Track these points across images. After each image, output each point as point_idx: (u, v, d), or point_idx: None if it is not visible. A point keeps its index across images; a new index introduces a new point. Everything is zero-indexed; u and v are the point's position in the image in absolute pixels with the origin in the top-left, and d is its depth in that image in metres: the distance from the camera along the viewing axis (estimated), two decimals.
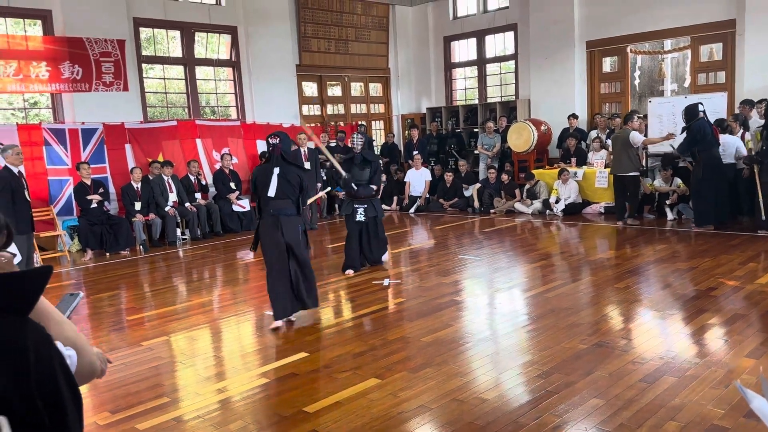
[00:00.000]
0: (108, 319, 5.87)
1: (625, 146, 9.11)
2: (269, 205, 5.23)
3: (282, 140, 5.31)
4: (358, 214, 7.21)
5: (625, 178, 9.25)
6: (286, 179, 5.20)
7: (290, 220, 5.21)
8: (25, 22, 9.89)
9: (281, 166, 5.23)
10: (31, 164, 9.27)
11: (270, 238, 5.21)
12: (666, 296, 5.65)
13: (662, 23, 11.16)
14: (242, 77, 12.32)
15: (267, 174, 5.25)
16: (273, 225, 5.19)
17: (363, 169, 7.29)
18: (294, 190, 5.23)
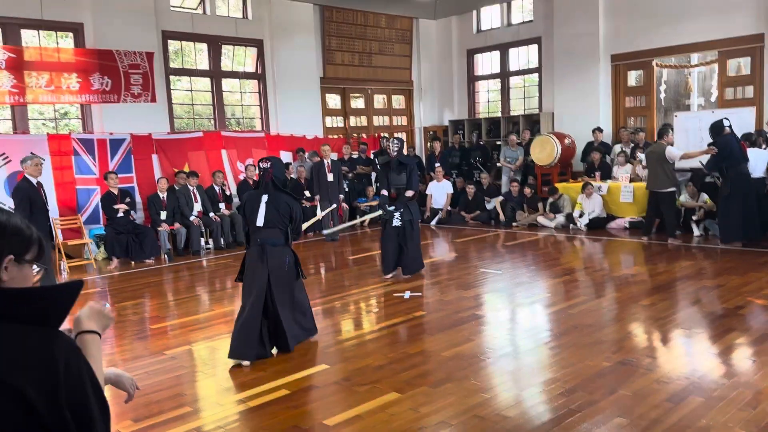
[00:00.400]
0: (132, 328, 5.95)
1: (661, 161, 8.80)
2: (256, 234, 4.90)
3: (273, 165, 4.99)
4: (395, 218, 7.31)
5: (660, 194, 8.94)
6: (275, 208, 4.85)
7: (276, 250, 4.83)
8: (58, 35, 10.13)
9: (270, 193, 4.91)
10: (60, 173, 9.46)
11: (253, 271, 4.83)
12: (692, 314, 5.56)
13: (689, 37, 11.05)
14: (267, 89, 12.47)
15: (255, 201, 4.92)
16: (258, 256, 4.83)
17: (400, 173, 7.43)
18: (283, 220, 4.87)
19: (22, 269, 1.32)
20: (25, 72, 9.35)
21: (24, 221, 1.36)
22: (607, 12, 12.13)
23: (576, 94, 12.59)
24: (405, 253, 7.37)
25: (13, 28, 9.50)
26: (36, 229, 1.35)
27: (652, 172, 9.05)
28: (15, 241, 1.30)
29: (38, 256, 1.40)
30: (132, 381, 1.77)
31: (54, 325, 1.09)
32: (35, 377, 1.02)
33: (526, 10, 13.94)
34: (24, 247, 1.33)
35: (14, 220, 1.30)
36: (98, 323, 1.56)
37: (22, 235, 1.32)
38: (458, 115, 15.07)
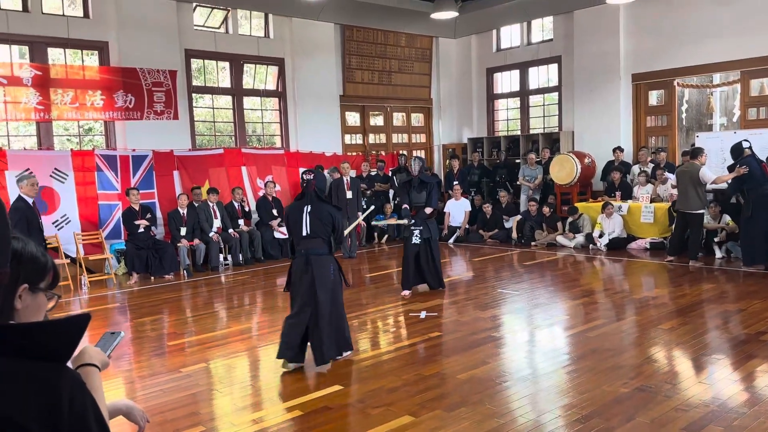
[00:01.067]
0: (150, 344, 5.99)
1: (694, 182, 8.65)
2: (300, 244, 5.09)
3: (316, 176, 5.23)
4: (414, 236, 7.45)
5: (690, 215, 8.79)
6: (317, 218, 5.06)
7: (320, 259, 5.02)
8: (83, 53, 10.36)
9: (313, 203, 5.12)
10: (83, 189, 9.62)
11: (299, 279, 5.04)
12: (713, 339, 5.46)
13: (711, 57, 10.97)
14: (287, 107, 12.59)
15: (299, 212, 5.12)
16: (303, 265, 5.02)
17: (420, 192, 7.61)
18: (326, 229, 5.07)
19: (36, 298, 1.33)
20: (50, 89, 9.55)
21: (39, 249, 1.37)
22: (627, 31, 12.09)
23: (596, 113, 12.54)
24: (427, 272, 7.60)
25: (40, 46, 9.74)
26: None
27: (684, 192, 8.81)
28: (30, 269, 1.31)
29: (52, 284, 1.42)
30: (143, 414, 1.78)
31: (61, 360, 1.10)
32: (39, 413, 1.03)
33: (546, 29, 13.95)
34: (39, 275, 1.34)
35: (30, 247, 1.31)
36: (98, 360, 1.57)
37: (37, 263, 1.33)
38: (477, 133, 15.07)
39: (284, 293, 8.12)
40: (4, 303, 1.21)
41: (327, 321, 4.96)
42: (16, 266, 1.24)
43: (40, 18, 9.66)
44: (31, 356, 1.05)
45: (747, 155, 8.18)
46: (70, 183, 9.51)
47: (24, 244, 1.30)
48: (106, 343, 1.65)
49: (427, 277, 7.66)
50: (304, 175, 5.26)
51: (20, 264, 1.26)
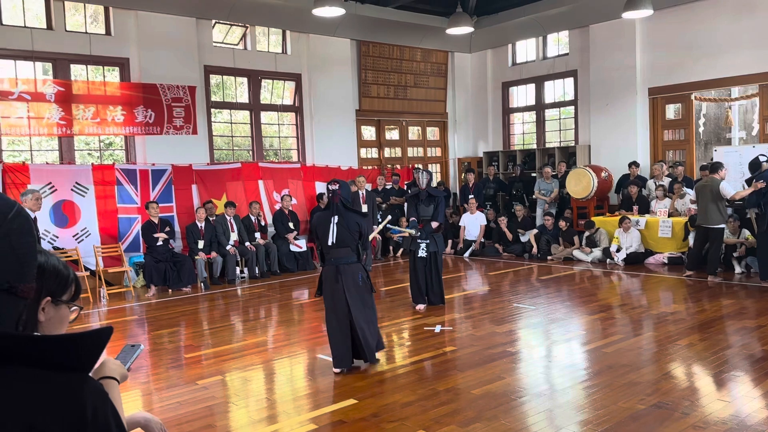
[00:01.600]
0: (167, 356, 6.05)
1: (714, 197, 8.59)
2: (330, 254, 5.28)
3: (341, 187, 5.35)
4: (420, 250, 7.44)
5: (711, 230, 8.71)
6: (345, 227, 5.23)
7: (350, 267, 5.23)
8: (105, 69, 10.56)
9: (340, 213, 5.27)
10: (103, 202, 9.78)
11: (330, 287, 5.26)
12: (732, 356, 5.39)
13: (729, 70, 10.91)
14: (304, 121, 12.72)
15: (326, 222, 5.29)
16: (333, 274, 5.23)
17: (428, 205, 7.61)
18: (353, 237, 5.25)
19: (59, 310, 1.37)
20: (72, 105, 9.75)
21: (61, 261, 1.41)
22: (644, 45, 12.07)
23: (613, 127, 12.50)
24: (430, 286, 7.60)
25: (63, 63, 9.95)
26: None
27: (705, 207, 8.72)
28: (53, 282, 1.35)
29: (74, 296, 1.46)
30: (161, 426, 1.81)
31: (84, 371, 1.14)
32: (63, 423, 1.07)
33: (562, 43, 13.97)
34: (62, 287, 1.38)
35: (53, 260, 1.35)
36: (118, 373, 1.62)
37: (60, 276, 1.37)
38: (493, 146, 15.08)
39: (302, 306, 8.22)
40: (29, 316, 1.25)
41: (365, 323, 5.22)
42: (39, 279, 1.28)
43: (63, 35, 9.88)
44: (54, 367, 1.09)
45: (765, 169, 8.12)
46: (90, 196, 9.66)
47: (47, 257, 1.34)
48: (126, 356, 1.69)
49: (429, 292, 7.61)
50: (329, 186, 5.38)
51: (43, 277, 1.30)
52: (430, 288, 7.60)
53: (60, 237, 9.37)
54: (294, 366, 5.63)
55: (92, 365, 1.16)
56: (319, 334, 6.67)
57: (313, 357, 5.79)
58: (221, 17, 11.27)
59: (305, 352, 6.03)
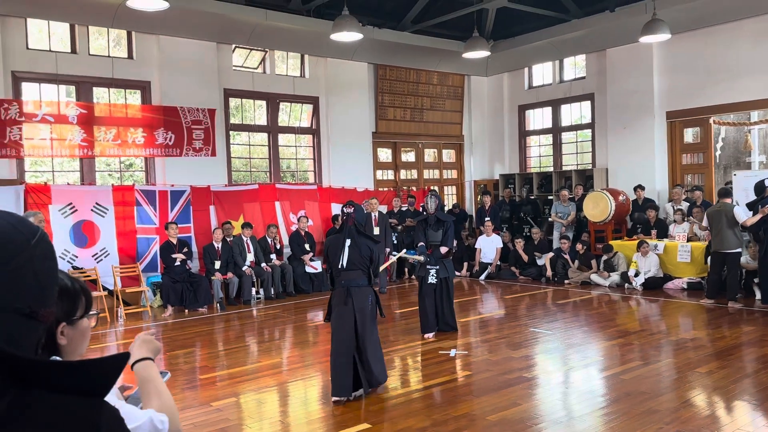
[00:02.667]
0: (182, 377, 6.07)
1: (730, 221, 8.56)
2: (341, 276, 5.25)
3: (356, 210, 5.36)
4: (430, 276, 7.30)
5: (729, 255, 8.64)
6: (357, 250, 5.22)
7: (360, 290, 5.21)
8: (126, 92, 10.76)
9: (353, 237, 5.27)
10: (123, 223, 9.90)
11: (339, 310, 5.20)
12: (752, 384, 5.29)
13: (747, 94, 10.85)
14: (321, 143, 12.83)
15: (339, 245, 5.28)
16: (343, 297, 5.19)
17: (437, 230, 7.48)
18: (365, 261, 5.24)
19: (77, 327, 1.40)
20: (94, 126, 9.94)
21: (66, 275, 1.43)
22: (661, 69, 12.06)
23: (630, 150, 12.45)
24: (440, 313, 7.40)
25: (86, 86, 10.16)
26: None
27: (721, 232, 8.66)
28: (65, 305, 1.37)
29: (87, 307, 1.48)
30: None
31: (100, 395, 1.16)
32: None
33: (579, 66, 14.00)
34: (73, 306, 1.40)
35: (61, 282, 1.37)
36: (149, 350, 1.68)
37: (69, 295, 1.40)
38: (509, 169, 15.07)
39: (316, 327, 8.21)
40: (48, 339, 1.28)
41: (372, 349, 5.17)
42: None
43: (86, 59, 10.11)
44: (72, 392, 1.11)
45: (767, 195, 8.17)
46: (110, 217, 9.79)
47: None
48: None
49: (440, 318, 7.40)
50: (344, 209, 5.40)
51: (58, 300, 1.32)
52: (441, 316, 7.40)
53: (79, 257, 9.49)
54: (308, 389, 5.61)
55: (108, 390, 1.17)
56: None
57: (327, 380, 5.76)
58: (241, 42, 11.47)
59: (319, 374, 6.01)
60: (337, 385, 5.04)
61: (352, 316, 5.13)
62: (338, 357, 5.09)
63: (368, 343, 5.14)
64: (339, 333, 5.17)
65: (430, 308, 7.32)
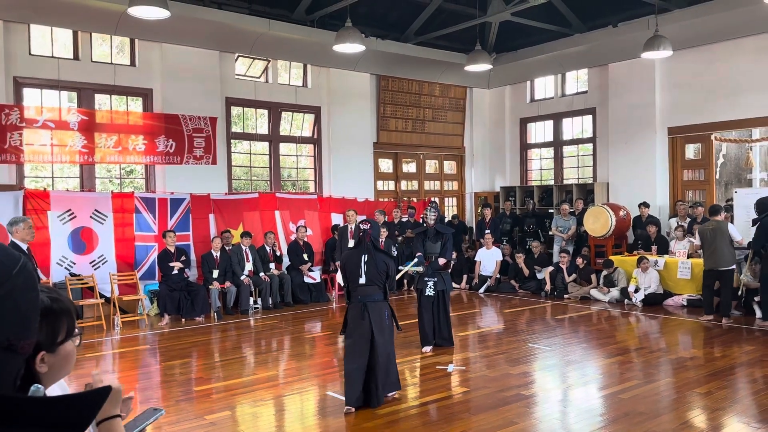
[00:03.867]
0: (177, 389, 6.02)
1: (725, 239, 8.66)
2: (357, 291, 5.34)
3: (372, 227, 5.46)
4: (428, 288, 7.26)
5: (724, 272, 8.73)
6: (374, 266, 5.32)
7: (377, 305, 5.31)
8: (128, 99, 10.76)
9: (370, 253, 5.36)
10: (121, 230, 9.87)
11: (356, 325, 5.28)
12: (752, 406, 5.24)
13: (749, 111, 10.84)
14: (322, 153, 12.82)
15: (356, 261, 5.37)
16: (360, 312, 5.28)
17: (435, 242, 7.48)
18: (381, 277, 5.34)
19: (57, 353, 1.33)
20: (95, 133, 9.94)
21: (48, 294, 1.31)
22: (663, 85, 12.07)
23: (632, 165, 12.44)
24: (437, 327, 7.33)
25: (87, 93, 10.16)
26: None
27: (716, 250, 8.73)
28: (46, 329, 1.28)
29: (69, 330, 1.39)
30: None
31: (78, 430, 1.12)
32: None
33: (581, 80, 14.01)
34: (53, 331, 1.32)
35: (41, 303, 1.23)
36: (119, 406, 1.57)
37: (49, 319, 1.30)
38: (510, 181, 15.06)
39: (314, 339, 8.15)
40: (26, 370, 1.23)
41: (384, 365, 5.24)
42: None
43: (89, 66, 10.12)
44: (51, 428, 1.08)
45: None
46: (108, 224, 9.76)
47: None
48: (145, 418, 1.68)
49: (436, 332, 7.31)
50: (360, 225, 5.49)
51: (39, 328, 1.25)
52: (437, 330, 7.32)
53: (77, 263, 9.45)
54: (304, 402, 5.56)
55: (88, 424, 1.14)
56: (330, 370, 6.61)
57: (324, 394, 5.72)
58: (244, 51, 11.48)
59: (316, 388, 5.97)
60: (351, 395, 5.11)
61: (369, 330, 5.21)
62: (354, 370, 5.15)
63: (380, 361, 5.19)
64: (354, 345, 5.24)
65: (428, 322, 7.28)
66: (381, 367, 5.20)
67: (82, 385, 4.88)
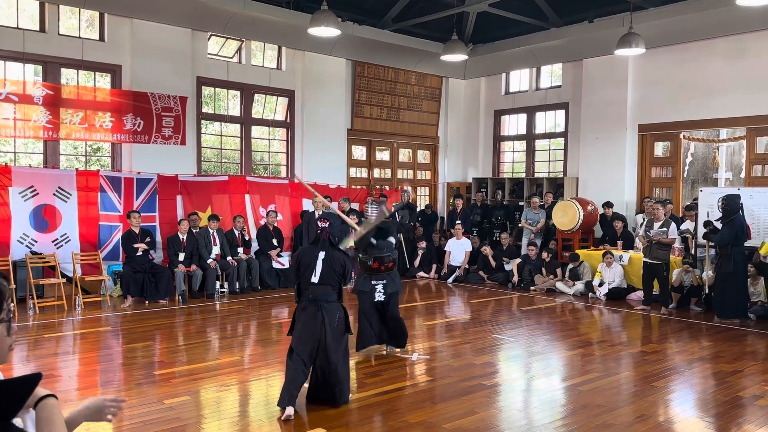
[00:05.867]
0: (138, 372, 5.93)
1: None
2: (309, 290, 5.03)
3: (331, 224, 5.15)
4: (377, 293, 6.40)
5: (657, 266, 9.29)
6: (330, 265, 5.02)
7: (331, 306, 5.00)
8: (96, 75, 10.49)
9: (327, 250, 5.07)
10: (85, 209, 9.66)
11: (305, 325, 4.94)
12: (706, 401, 5.36)
13: (718, 112, 11.04)
14: (295, 138, 12.69)
15: (312, 258, 5.06)
16: (312, 312, 4.94)
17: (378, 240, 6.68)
18: (336, 277, 5.05)
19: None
20: (61, 109, 9.68)
21: None
22: (636, 82, 12.21)
23: (601, 161, 12.59)
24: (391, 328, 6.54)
25: (53, 66, 9.88)
26: None
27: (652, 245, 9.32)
28: None
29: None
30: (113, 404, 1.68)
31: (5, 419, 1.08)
32: None
33: (555, 75, 14.10)
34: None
35: None
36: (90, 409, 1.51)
37: None
38: (482, 173, 15.13)
39: (281, 324, 8.10)
40: None
41: (341, 362, 4.98)
42: None
43: (56, 39, 9.83)
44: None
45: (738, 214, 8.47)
46: (72, 202, 9.54)
47: None
48: None
49: (391, 336, 6.56)
50: (319, 222, 5.14)
51: None
52: (392, 330, 6.53)
53: (39, 242, 9.23)
54: (269, 389, 5.52)
55: (16, 412, 1.09)
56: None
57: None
58: (217, 30, 11.27)
59: (280, 373, 5.92)
60: (288, 396, 4.75)
61: (321, 331, 4.90)
62: (297, 367, 4.84)
63: (335, 359, 4.90)
64: (302, 344, 4.90)
65: (373, 324, 6.45)
66: (340, 364, 4.93)
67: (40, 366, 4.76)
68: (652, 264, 9.26)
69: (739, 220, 8.38)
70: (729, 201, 8.48)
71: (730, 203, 8.45)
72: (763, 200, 9.13)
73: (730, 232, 8.38)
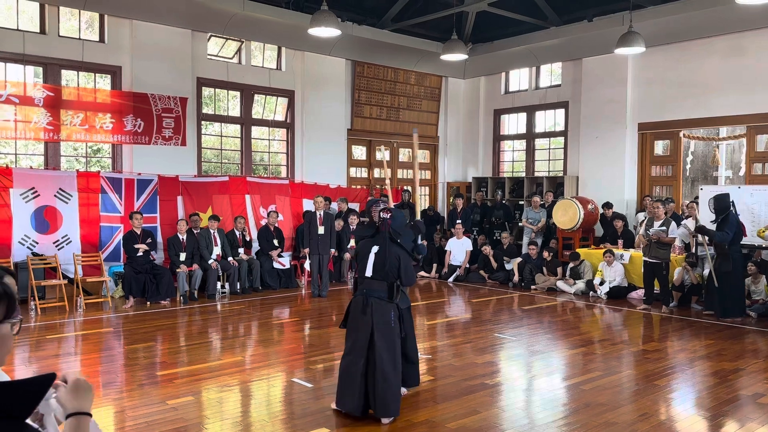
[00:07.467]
0: (140, 372, 5.93)
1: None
2: (363, 284, 4.83)
3: (393, 216, 4.80)
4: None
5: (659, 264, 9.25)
6: (383, 260, 4.73)
7: (380, 304, 4.71)
8: (96, 76, 10.49)
9: (382, 245, 4.77)
10: (86, 210, 9.67)
11: (355, 320, 4.79)
12: (709, 399, 5.37)
13: (717, 110, 11.05)
14: (295, 138, 12.70)
15: (367, 250, 4.83)
16: (362, 306, 4.74)
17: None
18: (390, 273, 4.73)
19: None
20: (61, 110, 9.68)
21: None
22: (635, 81, 12.22)
23: (601, 160, 12.60)
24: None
25: (54, 68, 9.88)
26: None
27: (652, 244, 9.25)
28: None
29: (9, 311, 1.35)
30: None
31: (21, 418, 1.09)
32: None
33: (555, 74, 14.10)
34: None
35: None
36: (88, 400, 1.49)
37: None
38: (482, 172, 15.13)
39: (282, 325, 8.10)
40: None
41: (390, 368, 4.63)
42: None
43: (56, 40, 9.84)
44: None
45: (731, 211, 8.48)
46: (73, 203, 9.55)
47: None
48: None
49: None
50: (381, 213, 4.82)
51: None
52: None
53: (40, 243, 9.24)
54: (271, 389, 5.53)
55: (30, 412, 1.10)
56: (296, 357, 6.59)
57: (290, 380, 5.70)
58: (217, 31, 11.28)
59: (282, 374, 5.94)
60: (339, 398, 4.72)
61: (369, 330, 4.67)
62: (347, 370, 4.73)
63: (380, 367, 4.60)
64: (352, 344, 4.77)
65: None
66: (388, 370, 4.61)
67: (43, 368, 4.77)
68: (652, 263, 9.24)
69: (732, 216, 8.43)
70: (718, 200, 8.61)
71: (720, 202, 8.56)
72: (764, 198, 9.14)
73: (730, 229, 8.40)
